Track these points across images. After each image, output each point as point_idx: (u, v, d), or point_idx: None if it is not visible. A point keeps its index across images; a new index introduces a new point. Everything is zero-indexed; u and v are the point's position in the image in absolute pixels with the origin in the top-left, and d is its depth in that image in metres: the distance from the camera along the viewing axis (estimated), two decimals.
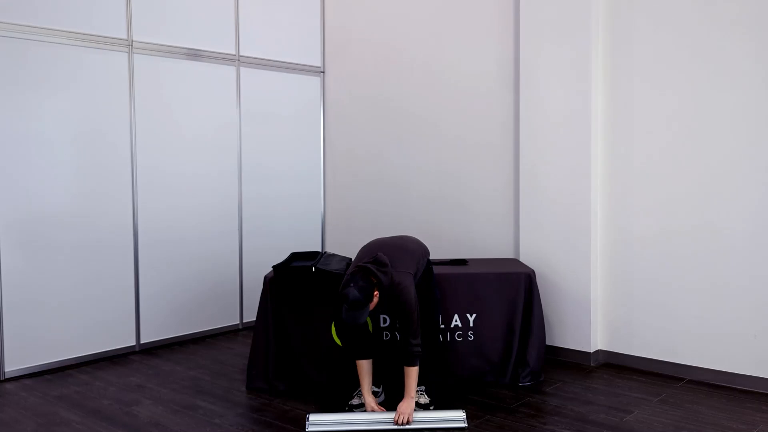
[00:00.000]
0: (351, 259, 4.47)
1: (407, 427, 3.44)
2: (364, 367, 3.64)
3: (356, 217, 5.91)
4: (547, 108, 4.61)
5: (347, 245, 5.67)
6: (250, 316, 5.51)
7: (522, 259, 4.78)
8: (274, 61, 5.73)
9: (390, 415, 3.49)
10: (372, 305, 3.40)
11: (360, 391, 3.73)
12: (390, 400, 3.77)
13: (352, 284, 3.35)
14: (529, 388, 4.05)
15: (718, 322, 4.08)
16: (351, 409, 3.70)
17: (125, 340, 4.88)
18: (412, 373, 3.50)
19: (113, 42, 4.71)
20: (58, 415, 3.69)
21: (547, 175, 4.63)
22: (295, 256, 4.36)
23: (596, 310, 4.54)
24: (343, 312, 3.37)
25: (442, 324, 4.08)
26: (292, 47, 5.88)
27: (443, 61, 5.29)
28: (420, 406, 3.66)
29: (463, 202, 5.20)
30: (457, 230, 5.24)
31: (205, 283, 5.34)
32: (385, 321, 4.05)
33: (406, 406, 3.48)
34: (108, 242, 4.74)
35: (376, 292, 3.40)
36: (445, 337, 4.12)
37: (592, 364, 4.50)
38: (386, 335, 4.07)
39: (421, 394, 3.75)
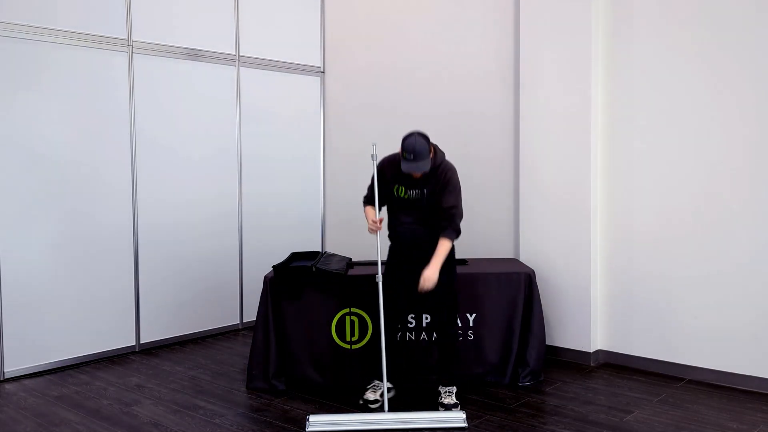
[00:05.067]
0: (351, 259, 4.48)
1: (407, 427, 3.43)
2: (371, 209, 3.73)
3: (356, 217, 5.90)
4: (547, 107, 4.61)
5: (347, 245, 5.67)
6: (250, 316, 5.51)
7: (522, 259, 4.78)
8: (274, 61, 5.73)
9: (390, 416, 3.49)
10: (432, 156, 3.49)
11: (372, 385, 3.74)
12: (398, 399, 3.76)
13: (415, 134, 3.44)
14: (529, 388, 4.05)
15: (718, 322, 4.08)
16: (366, 403, 3.70)
17: (125, 340, 4.88)
18: (445, 246, 3.52)
19: (113, 42, 4.71)
20: (57, 415, 3.69)
21: (548, 174, 4.63)
22: (295, 256, 4.37)
23: (596, 310, 4.54)
24: (403, 163, 3.44)
25: None
26: (292, 47, 5.88)
27: (443, 61, 5.29)
28: (445, 407, 3.63)
29: (464, 201, 5.18)
30: None
31: (205, 283, 5.34)
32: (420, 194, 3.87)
33: (431, 272, 3.48)
34: (108, 242, 4.74)
35: (432, 149, 3.50)
36: None
37: (592, 364, 4.50)
38: (408, 337, 4.06)
39: (449, 394, 3.72)
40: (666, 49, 4.21)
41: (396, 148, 5.68)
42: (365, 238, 4.27)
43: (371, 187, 3.77)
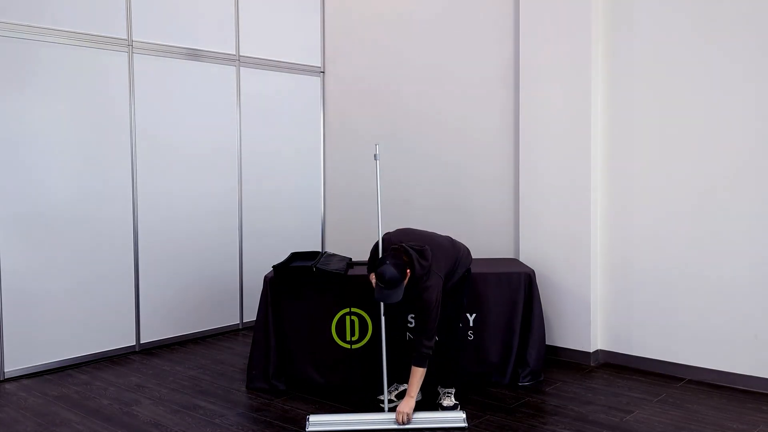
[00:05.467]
0: (351, 258, 4.48)
1: (407, 426, 3.44)
2: None
3: (356, 217, 5.91)
4: (547, 108, 4.61)
5: (347, 245, 5.67)
6: (250, 316, 5.51)
7: (522, 259, 4.78)
8: (274, 61, 5.73)
9: (390, 416, 3.49)
10: (406, 281, 3.37)
11: (390, 388, 3.79)
12: (398, 399, 3.76)
13: (389, 262, 3.33)
14: (529, 388, 4.05)
15: (718, 322, 4.08)
16: (381, 402, 3.69)
17: (125, 340, 4.88)
18: (418, 374, 3.47)
19: (113, 42, 4.71)
20: (58, 415, 3.69)
21: (547, 175, 4.63)
22: (295, 256, 4.37)
23: (596, 310, 4.54)
24: (376, 289, 3.36)
25: None
26: (292, 47, 5.88)
27: (443, 61, 5.29)
28: (444, 408, 3.64)
29: (463, 202, 5.20)
30: (458, 230, 5.20)
31: (205, 283, 5.34)
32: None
33: (406, 405, 3.47)
34: (108, 242, 4.74)
35: (408, 272, 3.37)
36: None
37: (592, 364, 4.50)
38: (409, 337, 4.05)
39: (448, 395, 3.72)
40: (666, 48, 4.21)
41: (396, 148, 5.71)
42: (365, 239, 4.26)
43: (371, 260, 3.69)
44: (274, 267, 4.10)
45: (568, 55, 4.48)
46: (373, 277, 3.48)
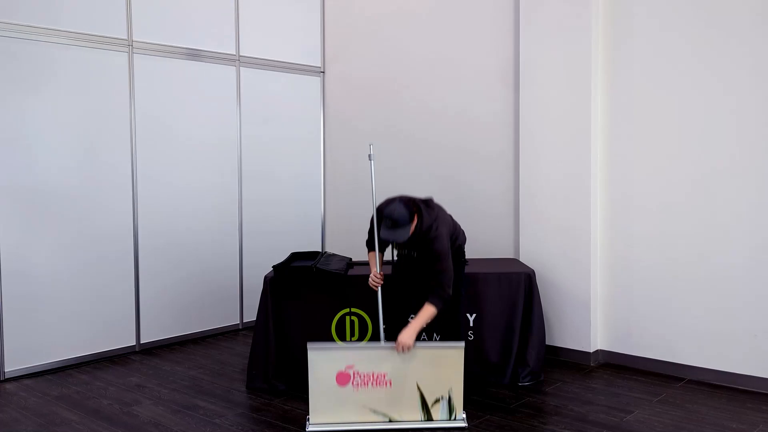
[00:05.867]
0: (351, 258, 4.48)
1: (408, 427, 3.43)
2: (374, 256, 3.65)
3: (356, 218, 5.90)
4: (547, 107, 4.61)
5: (347, 245, 5.67)
6: (250, 316, 5.51)
7: (522, 259, 4.78)
8: (274, 61, 5.73)
9: (390, 344, 3.43)
10: (413, 226, 3.38)
11: None
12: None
13: (396, 201, 3.36)
14: (529, 388, 4.05)
15: (718, 322, 4.08)
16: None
17: (125, 340, 4.88)
18: (429, 311, 3.38)
19: (113, 42, 4.71)
20: (58, 415, 3.69)
21: (547, 174, 4.63)
22: (295, 256, 4.37)
23: (596, 310, 4.54)
24: (382, 229, 3.35)
25: None
26: (292, 47, 5.88)
27: (443, 61, 5.29)
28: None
29: (463, 201, 5.19)
30: None
31: (205, 283, 5.34)
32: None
33: (407, 335, 3.34)
34: (108, 242, 4.74)
35: (416, 217, 3.38)
36: None
37: (592, 364, 4.50)
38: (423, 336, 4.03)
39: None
40: (666, 48, 4.21)
41: (396, 148, 5.71)
42: (365, 239, 4.26)
43: (371, 231, 3.70)
44: (274, 267, 4.10)
45: (568, 54, 4.48)
46: (371, 260, 3.61)
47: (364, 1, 5.80)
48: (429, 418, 3.44)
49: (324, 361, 3.40)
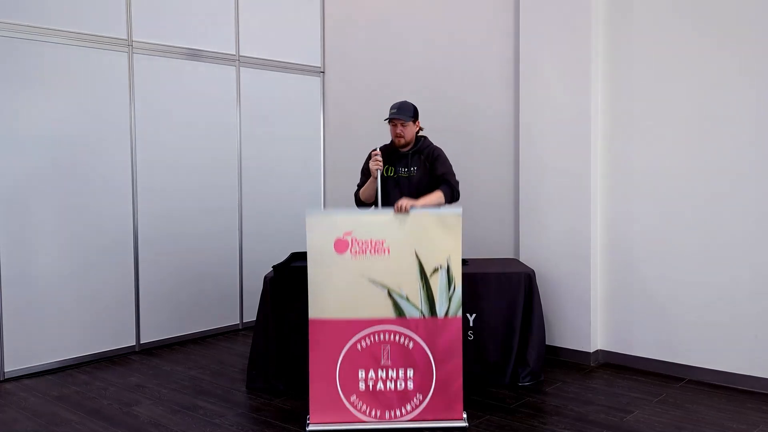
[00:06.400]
0: None
1: (408, 427, 3.42)
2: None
3: None
4: (547, 107, 4.61)
5: None
6: (250, 316, 5.51)
7: (522, 259, 4.78)
8: (274, 61, 5.73)
9: (388, 209, 3.47)
10: (416, 126, 3.90)
11: None
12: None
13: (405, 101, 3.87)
14: (529, 388, 4.05)
15: (718, 322, 4.08)
16: None
17: (125, 340, 4.88)
18: (436, 195, 3.72)
19: (113, 42, 4.71)
20: (58, 415, 3.69)
21: (547, 174, 4.63)
22: (295, 256, 4.36)
23: (596, 310, 4.54)
24: (390, 114, 3.82)
25: None
26: (292, 47, 5.88)
27: (443, 61, 5.29)
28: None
29: (463, 201, 5.17)
30: None
31: (205, 283, 5.34)
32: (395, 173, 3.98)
33: (407, 200, 3.48)
34: (108, 242, 4.74)
35: (418, 123, 3.90)
36: None
37: (592, 364, 4.50)
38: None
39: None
40: (666, 47, 4.21)
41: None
42: None
43: (364, 170, 4.06)
44: (274, 267, 4.10)
45: (568, 54, 4.48)
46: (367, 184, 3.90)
47: (364, 1, 5.80)
48: (428, 289, 3.40)
49: (322, 228, 3.37)
